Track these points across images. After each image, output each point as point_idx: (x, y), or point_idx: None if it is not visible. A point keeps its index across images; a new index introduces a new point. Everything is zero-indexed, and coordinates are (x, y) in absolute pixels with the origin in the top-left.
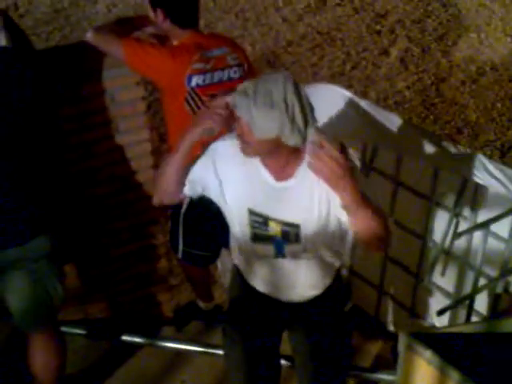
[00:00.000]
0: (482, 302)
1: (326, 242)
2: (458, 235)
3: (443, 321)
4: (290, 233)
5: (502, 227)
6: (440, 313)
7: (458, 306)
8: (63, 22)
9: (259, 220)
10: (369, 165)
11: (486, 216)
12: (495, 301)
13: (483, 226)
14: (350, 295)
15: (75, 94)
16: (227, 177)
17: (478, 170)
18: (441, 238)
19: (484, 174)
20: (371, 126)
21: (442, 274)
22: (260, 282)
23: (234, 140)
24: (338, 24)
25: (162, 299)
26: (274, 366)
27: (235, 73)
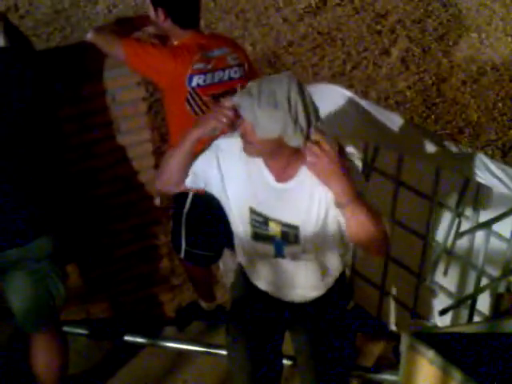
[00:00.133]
0: (484, 302)
1: (325, 245)
2: (460, 235)
3: (445, 321)
4: (290, 234)
5: (504, 227)
6: (442, 313)
7: (460, 306)
8: (64, 23)
9: (260, 219)
10: (370, 165)
11: (488, 216)
12: (497, 300)
13: (485, 225)
14: (351, 295)
15: (76, 94)
16: (229, 173)
17: (480, 169)
18: (443, 238)
19: (486, 174)
20: (372, 126)
21: (444, 274)
22: (262, 281)
23: (238, 138)
24: (338, 24)
25: (164, 299)
26: (277, 366)
27: (235, 73)
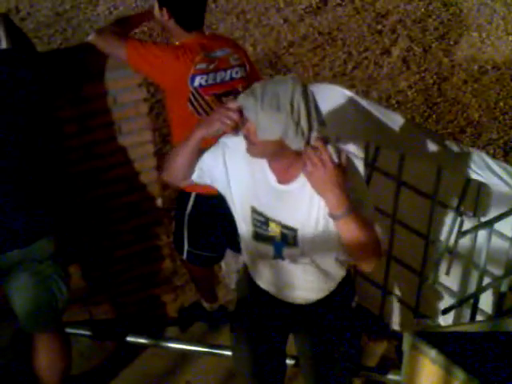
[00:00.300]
0: (486, 301)
1: (324, 249)
2: (461, 234)
3: (448, 320)
4: (289, 236)
5: (506, 226)
6: (444, 312)
7: (462, 305)
8: (64, 25)
9: (261, 219)
10: (371, 164)
11: (490, 215)
12: (500, 299)
13: (487, 224)
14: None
15: (77, 95)
16: (234, 171)
17: (481, 168)
18: (445, 237)
19: (487, 173)
20: (374, 126)
21: (447, 273)
22: (263, 281)
23: None
24: (339, 24)
25: (167, 300)
26: (280, 365)
27: (237, 73)
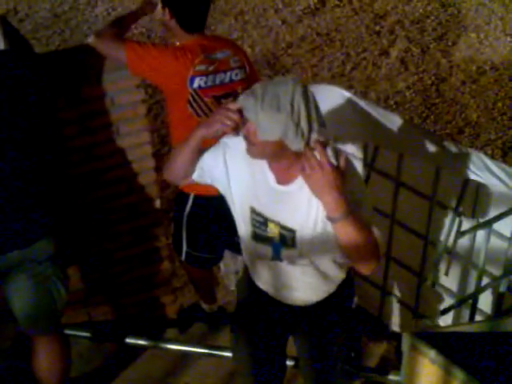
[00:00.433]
0: (485, 301)
1: (322, 251)
2: (460, 234)
3: (447, 320)
4: (287, 237)
5: (505, 226)
6: (444, 312)
7: (461, 306)
8: (63, 26)
9: (260, 220)
10: (370, 165)
11: (488, 215)
12: (499, 300)
13: (486, 224)
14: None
15: (76, 97)
16: (234, 171)
17: (480, 169)
18: (443, 238)
19: (486, 173)
20: (372, 127)
21: (446, 274)
22: (263, 282)
23: None
24: (337, 25)
25: (166, 301)
26: (280, 366)
27: (237, 75)
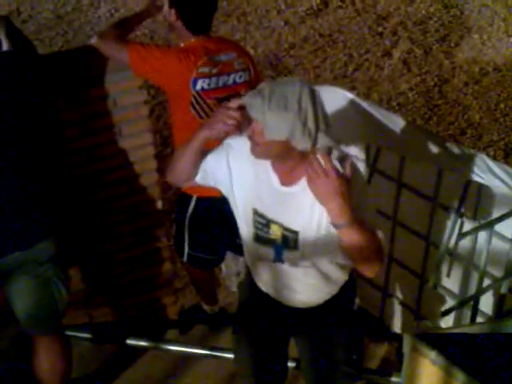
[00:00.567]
0: (486, 303)
1: (325, 253)
2: (462, 236)
3: (448, 322)
4: (290, 239)
5: (507, 227)
6: (445, 313)
7: (463, 307)
8: (66, 27)
9: (262, 221)
10: (372, 166)
11: (491, 217)
12: (500, 301)
13: (487, 226)
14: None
15: (78, 98)
16: (237, 172)
17: (482, 170)
18: (445, 239)
19: (488, 175)
20: (374, 128)
21: (447, 275)
22: (264, 283)
23: None
24: (340, 26)
25: (167, 302)
26: (282, 368)
27: (240, 77)
